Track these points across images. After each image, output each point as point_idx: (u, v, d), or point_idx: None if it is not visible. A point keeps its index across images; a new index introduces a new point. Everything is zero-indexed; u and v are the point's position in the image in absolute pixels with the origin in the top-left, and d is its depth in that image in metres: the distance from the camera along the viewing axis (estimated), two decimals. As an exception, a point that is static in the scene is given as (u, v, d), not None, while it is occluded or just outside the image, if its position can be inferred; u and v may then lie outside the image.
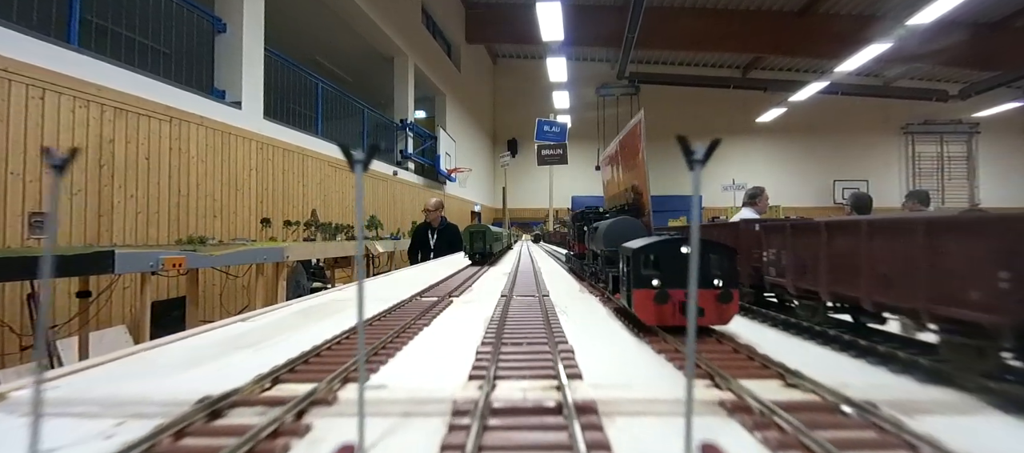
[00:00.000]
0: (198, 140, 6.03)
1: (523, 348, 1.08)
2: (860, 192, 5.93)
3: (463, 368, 0.94)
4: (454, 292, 2.09)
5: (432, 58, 15.92)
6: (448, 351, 1.12)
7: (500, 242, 4.31)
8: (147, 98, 5.38)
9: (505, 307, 1.58)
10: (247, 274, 5.39)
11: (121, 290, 4.83)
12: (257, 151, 7.07)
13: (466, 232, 3.22)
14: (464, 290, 2.21)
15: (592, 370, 0.92)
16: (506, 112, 25.60)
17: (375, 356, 1.04)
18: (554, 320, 1.39)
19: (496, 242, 3.70)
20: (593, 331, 1.34)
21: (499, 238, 4.10)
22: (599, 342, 1.21)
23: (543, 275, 2.67)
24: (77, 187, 4.62)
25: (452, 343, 1.20)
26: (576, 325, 1.39)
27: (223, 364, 1.07)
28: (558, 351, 1.00)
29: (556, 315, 1.49)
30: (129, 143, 5.15)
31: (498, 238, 3.93)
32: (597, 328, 1.39)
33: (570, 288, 2.30)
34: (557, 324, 1.34)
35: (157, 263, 2.96)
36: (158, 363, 1.08)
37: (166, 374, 0.99)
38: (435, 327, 1.41)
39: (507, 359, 0.97)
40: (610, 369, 0.99)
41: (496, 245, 3.68)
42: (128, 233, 5.09)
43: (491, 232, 3.29)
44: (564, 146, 12.84)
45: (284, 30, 10.80)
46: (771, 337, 1.22)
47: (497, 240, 3.83)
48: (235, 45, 6.99)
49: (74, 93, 4.63)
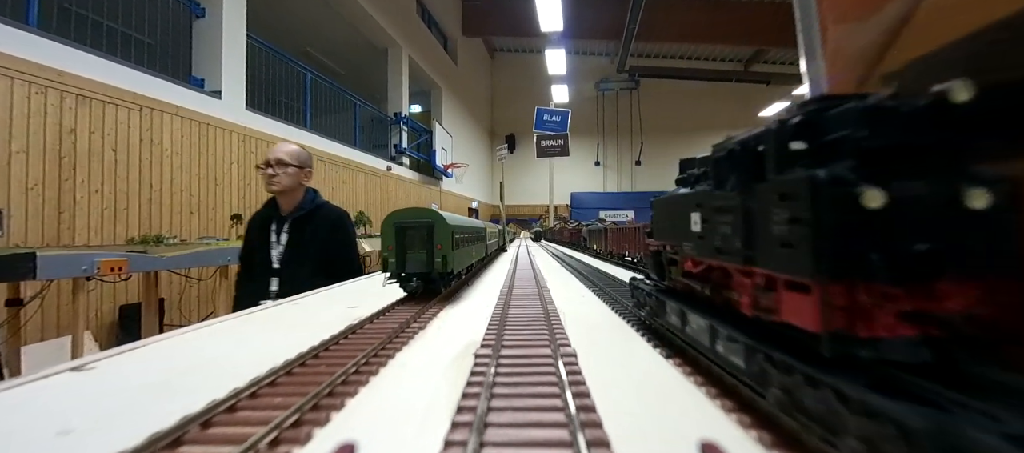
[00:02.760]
0: (173, 131, 5.64)
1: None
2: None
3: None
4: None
5: (427, 50, 15.51)
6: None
7: (480, 244, 2.62)
8: (114, 85, 4.99)
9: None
10: (213, 277, 4.99)
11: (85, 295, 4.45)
12: (239, 143, 6.67)
13: (389, 226, 1.59)
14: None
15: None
16: (504, 107, 25.20)
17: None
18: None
19: (467, 246, 2.13)
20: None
21: (475, 238, 2.42)
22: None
23: (565, 318, 1.23)
24: (33, 181, 4.23)
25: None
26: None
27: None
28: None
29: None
30: (93, 133, 4.76)
31: (473, 237, 2.34)
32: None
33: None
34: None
35: (92, 266, 2.59)
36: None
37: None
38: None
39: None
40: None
41: (463, 257, 2.02)
42: (93, 231, 4.70)
43: (450, 226, 1.66)
44: (565, 136, 12.47)
45: (272, 19, 10.40)
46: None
47: (472, 242, 2.30)
48: (215, 31, 6.59)
49: (29, 78, 4.24)
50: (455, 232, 1.76)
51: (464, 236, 2.07)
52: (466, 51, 20.18)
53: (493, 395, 0.67)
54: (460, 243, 1.93)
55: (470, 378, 0.75)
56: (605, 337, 1.05)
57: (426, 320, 1.27)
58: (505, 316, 1.24)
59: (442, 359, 0.90)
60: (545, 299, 1.55)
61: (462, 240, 1.99)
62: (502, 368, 0.79)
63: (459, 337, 1.08)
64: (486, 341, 1.00)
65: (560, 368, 0.76)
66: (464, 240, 2.07)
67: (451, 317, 1.35)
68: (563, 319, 1.21)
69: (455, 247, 1.75)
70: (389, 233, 1.58)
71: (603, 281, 2.03)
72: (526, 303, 1.49)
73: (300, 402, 0.64)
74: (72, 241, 4.47)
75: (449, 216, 1.73)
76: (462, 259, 2.01)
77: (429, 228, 1.60)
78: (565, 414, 0.60)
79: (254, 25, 7.39)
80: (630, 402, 0.66)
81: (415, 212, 1.61)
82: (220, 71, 6.56)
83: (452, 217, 1.83)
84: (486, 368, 0.77)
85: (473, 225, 2.51)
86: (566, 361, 0.80)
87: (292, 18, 11.63)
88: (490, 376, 0.73)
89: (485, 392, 0.67)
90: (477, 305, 1.56)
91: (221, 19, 6.57)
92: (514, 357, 0.86)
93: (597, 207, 22.40)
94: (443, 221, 1.61)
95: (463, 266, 2.08)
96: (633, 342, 1.01)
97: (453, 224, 1.73)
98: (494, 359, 0.82)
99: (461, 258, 1.96)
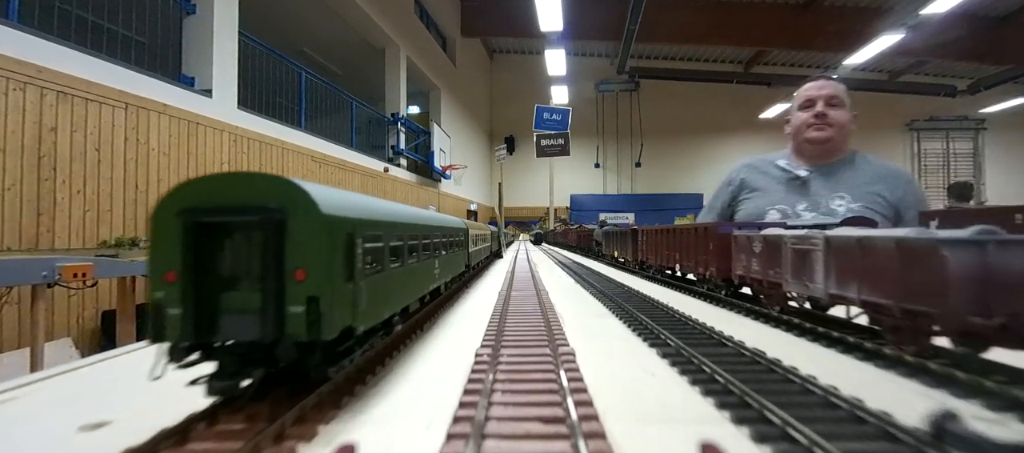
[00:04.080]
0: (160, 130, 5.46)
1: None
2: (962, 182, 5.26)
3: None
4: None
5: (426, 50, 15.35)
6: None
7: (452, 256, 1.87)
8: (98, 82, 4.81)
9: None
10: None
11: (51, 302, 4.27)
12: (230, 143, 6.50)
13: (167, 218, 0.70)
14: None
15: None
16: (503, 109, 25.06)
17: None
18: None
19: (411, 265, 1.31)
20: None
21: (442, 243, 1.68)
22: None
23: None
24: (10, 181, 4.05)
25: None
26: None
27: None
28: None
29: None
30: (75, 132, 4.58)
31: (438, 243, 1.61)
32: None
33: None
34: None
35: (53, 273, 2.41)
36: None
37: None
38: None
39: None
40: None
41: (395, 290, 1.12)
42: (74, 233, 4.52)
43: (345, 220, 0.80)
44: (566, 135, 12.30)
45: (267, 18, 10.24)
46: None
47: (431, 253, 1.56)
48: (206, 28, 6.41)
49: (7, 74, 4.06)
50: (365, 235, 0.86)
51: (402, 242, 1.13)
52: (465, 52, 20.03)
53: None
54: (380, 261, 0.95)
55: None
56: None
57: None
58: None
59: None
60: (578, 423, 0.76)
61: (388, 254, 1.00)
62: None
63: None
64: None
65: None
66: (399, 253, 1.11)
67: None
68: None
69: (357, 276, 0.83)
70: (168, 237, 0.71)
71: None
72: (535, 400, 0.86)
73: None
74: (51, 244, 4.28)
75: (344, 197, 0.85)
76: (390, 297, 1.04)
77: (273, 227, 0.71)
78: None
79: (248, 24, 7.23)
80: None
81: (238, 182, 0.73)
82: (211, 69, 6.38)
83: (355, 199, 0.92)
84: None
85: (436, 223, 1.54)
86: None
87: (288, 17, 11.48)
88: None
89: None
90: (418, 413, 0.84)
91: (212, 16, 6.40)
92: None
93: (597, 209, 22.25)
94: (315, 208, 0.72)
95: (392, 312, 1.09)
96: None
97: (356, 215, 0.84)
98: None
99: (385, 297, 0.99)
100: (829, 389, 0.95)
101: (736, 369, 1.10)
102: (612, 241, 3.91)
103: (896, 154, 24.82)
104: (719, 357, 1.21)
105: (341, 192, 0.90)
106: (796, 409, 0.86)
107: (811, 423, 0.79)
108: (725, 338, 1.41)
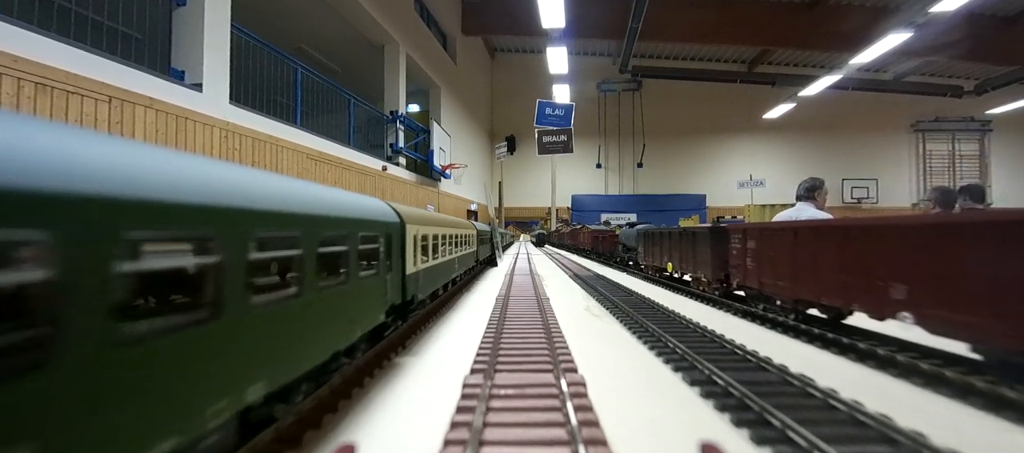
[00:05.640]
0: (146, 124, 5.26)
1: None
2: (976, 183, 5.06)
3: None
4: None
5: (426, 48, 15.16)
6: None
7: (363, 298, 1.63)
8: (80, 74, 4.61)
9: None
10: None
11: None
12: (221, 139, 6.30)
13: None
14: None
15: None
16: (504, 108, 24.89)
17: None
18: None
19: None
20: None
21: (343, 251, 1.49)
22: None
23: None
24: (-18, 176, 3.84)
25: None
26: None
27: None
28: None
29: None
30: (55, 125, 4.38)
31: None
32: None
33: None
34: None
35: None
36: None
37: None
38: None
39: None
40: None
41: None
42: (52, 231, 4.31)
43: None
44: (569, 132, 12.11)
45: (264, 14, 10.06)
46: None
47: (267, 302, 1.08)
48: (196, 21, 6.22)
49: (-19, 63, 3.87)
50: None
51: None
52: (466, 50, 19.85)
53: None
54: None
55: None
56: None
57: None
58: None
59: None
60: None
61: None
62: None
63: None
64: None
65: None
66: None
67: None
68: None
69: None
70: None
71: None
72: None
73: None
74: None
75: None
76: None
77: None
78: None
79: (244, 19, 7.04)
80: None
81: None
82: (202, 63, 6.19)
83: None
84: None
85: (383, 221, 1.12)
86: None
87: (285, 13, 11.30)
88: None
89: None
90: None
91: (203, 8, 6.20)
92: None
93: (598, 210, 22.03)
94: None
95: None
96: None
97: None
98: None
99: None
100: None
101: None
102: (657, 246, 2.42)
103: (901, 156, 24.59)
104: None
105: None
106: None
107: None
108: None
